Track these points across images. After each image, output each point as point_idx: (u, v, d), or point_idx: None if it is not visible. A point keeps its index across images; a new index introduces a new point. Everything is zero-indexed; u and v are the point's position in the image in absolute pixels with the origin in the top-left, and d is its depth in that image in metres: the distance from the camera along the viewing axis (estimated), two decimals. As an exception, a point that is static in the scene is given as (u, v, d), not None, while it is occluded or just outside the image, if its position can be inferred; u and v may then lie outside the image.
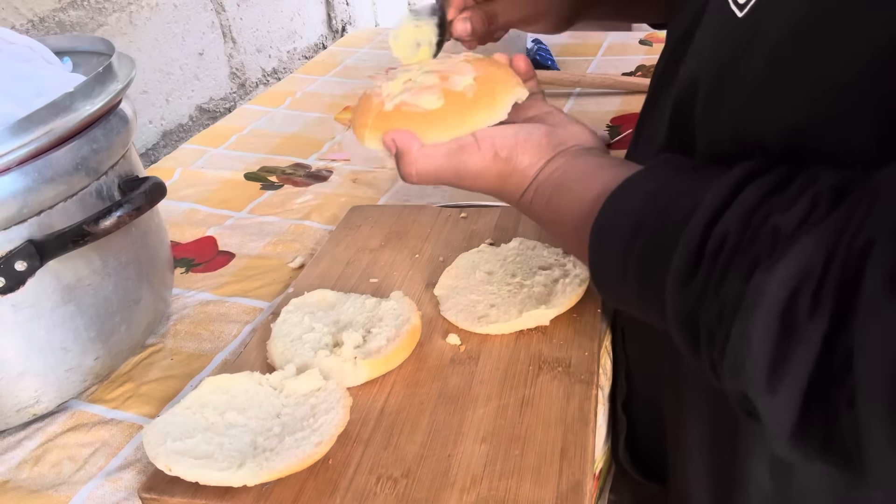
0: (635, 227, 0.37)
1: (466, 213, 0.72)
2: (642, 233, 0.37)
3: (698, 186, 0.35)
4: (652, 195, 0.38)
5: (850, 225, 0.27)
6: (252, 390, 0.50)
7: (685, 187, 0.36)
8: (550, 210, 0.47)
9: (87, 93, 0.51)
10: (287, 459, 0.44)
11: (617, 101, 0.99)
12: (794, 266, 0.27)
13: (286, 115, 1.06)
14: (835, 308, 0.26)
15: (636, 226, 0.37)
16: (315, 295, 0.60)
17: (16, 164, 0.46)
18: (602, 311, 0.58)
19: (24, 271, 0.48)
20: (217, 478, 0.44)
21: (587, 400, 0.50)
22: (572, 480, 0.44)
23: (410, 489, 0.45)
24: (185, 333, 0.63)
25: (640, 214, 0.37)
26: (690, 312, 0.32)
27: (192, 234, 0.78)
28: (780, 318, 0.27)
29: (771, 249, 0.29)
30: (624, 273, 0.38)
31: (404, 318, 0.56)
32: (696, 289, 0.32)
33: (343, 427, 0.47)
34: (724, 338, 0.30)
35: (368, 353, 0.53)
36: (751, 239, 0.30)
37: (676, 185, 0.37)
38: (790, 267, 0.27)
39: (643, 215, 0.37)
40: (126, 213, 0.50)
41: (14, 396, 0.52)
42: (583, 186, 0.45)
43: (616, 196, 0.40)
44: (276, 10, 1.40)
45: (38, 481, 0.50)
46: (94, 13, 0.99)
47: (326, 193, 0.84)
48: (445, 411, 0.50)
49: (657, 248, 0.35)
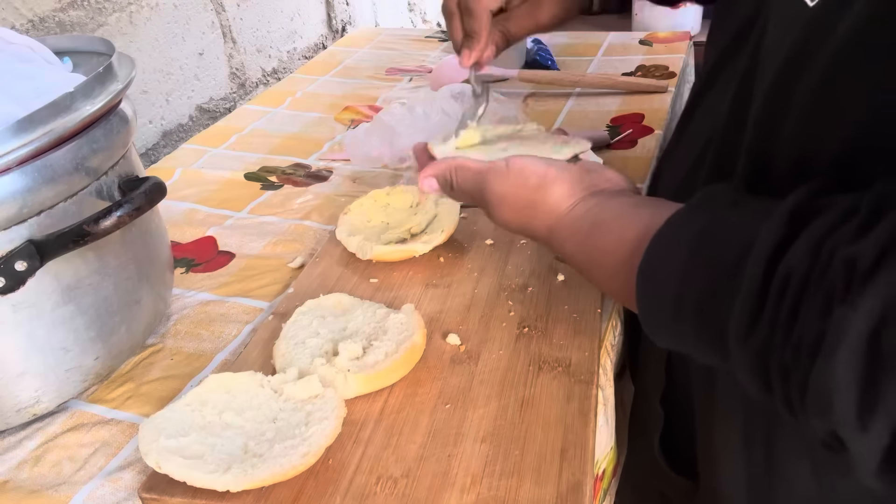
0: (687, 270, 0.36)
1: (466, 213, 0.72)
2: (696, 276, 0.35)
3: (753, 222, 0.33)
4: (701, 234, 0.36)
5: None
6: (252, 391, 0.50)
7: (738, 224, 0.35)
8: (587, 250, 0.46)
9: (87, 93, 0.51)
10: (272, 468, 0.44)
11: (617, 101, 0.99)
12: (878, 299, 0.27)
13: (286, 115, 1.06)
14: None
15: (688, 269, 0.36)
16: (331, 298, 0.60)
17: (16, 164, 0.46)
18: (602, 312, 0.58)
19: (24, 271, 0.48)
20: (202, 480, 0.44)
21: (587, 400, 0.50)
22: (572, 480, 0.44)
23: (410, 489, 0.45)
24: (186, 333, 0.63)
25: (690, 256, 0.36)
26: (760, 356, 0.31)
27: (192, 234, 0.78)
28: (866, 352, 0.27)
29: (847, 283, 0.28)
30: (678, 318, 0.37)
31: (407, 335, 0.54)
32: (764, 332, 0.31)
33: (333, 439, 0.47)
34: (804, 376, 0.29)
35: (363, 367, 0.52)
36: (821, 274, 0.29)
37: (727, 221, 0.36)
38: (874, 300, 0.27)
39: (695, 257, 0.36)
40: (126, 213, 0.49)
41: (14, 396, 0.52)
42: (622, 226, 0.43)
43: (663, 236, 0.38)
44: (276, 10, 1.40)
45: (38, 481, 0.50)
46: (94, 13, 0.99)
47: (326, 193, 0.84)
48: (445, 411, 0.50)
49: (715, 291, 0.34)
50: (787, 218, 0.31)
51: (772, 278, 0.30)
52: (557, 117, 0.96)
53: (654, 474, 0.58)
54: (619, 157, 0.84)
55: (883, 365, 0.26)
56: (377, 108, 1.06)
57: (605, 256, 0.44)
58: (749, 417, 0.44)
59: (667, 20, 1.67)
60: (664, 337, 0.40)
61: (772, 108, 0.38)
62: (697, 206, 0.39)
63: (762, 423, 0.43)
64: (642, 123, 0.92)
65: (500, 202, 0.50)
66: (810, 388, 0.29)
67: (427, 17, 2.19)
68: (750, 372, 0.32)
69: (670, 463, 0.56)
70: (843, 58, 0.33)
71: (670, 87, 1.00)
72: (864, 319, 0.27)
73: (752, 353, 0.32)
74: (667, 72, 1.06)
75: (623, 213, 0.44)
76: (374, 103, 1.07)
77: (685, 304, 0.36)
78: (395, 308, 0.58)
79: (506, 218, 0.50)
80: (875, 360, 0.26)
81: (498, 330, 0.57)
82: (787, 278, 0.30)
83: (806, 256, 0.29)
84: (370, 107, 1.06)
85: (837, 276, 0.28)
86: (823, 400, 0.28)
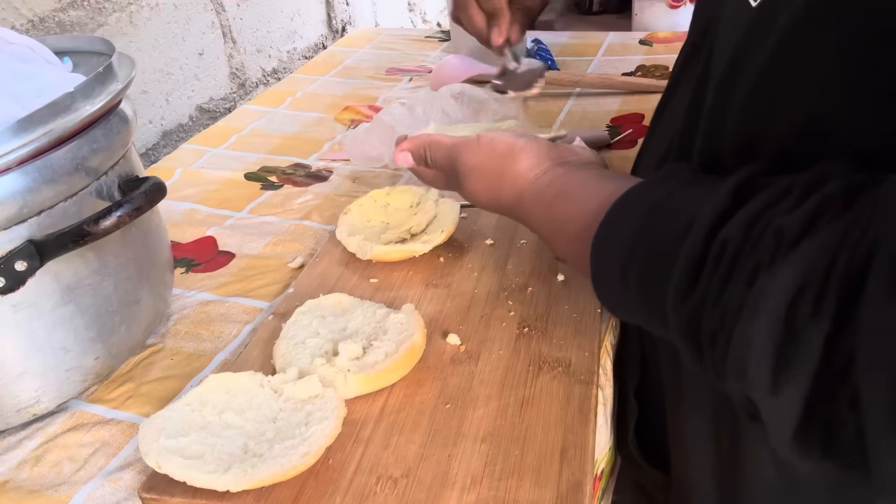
0: (636, 239, 0.37)
1: (466, 213, 0.72)
2: (643, 244, 0.37)
3: (700, 197, 0.35)
4: (653, 206, 0.38)
5: (854, 229, 0.27)
6: (253, 391, 0.50)
7: (687, 198, 0.37)
8: (550, 218, 0.47)
9: (87, 93, 0.51)
10: (272, 468, 0.44)
11: (617, 101, 0.99)
12: (797, 269, 0.27)
13: (286, 115, 1.06)
14: (837, 311, 0.26)
15: (637, 237, 0.37)
16: (331, 298, 0.60)
17: (16, 164, 0.46)
18: (602, 312, 0.58)
19: (24, 271, 0.48)
20: (203, 480, 0.44)
21: (587, 400, 0.50)
22: (572, 480, 0.44)
23: (410, 489, 0.45)
24: (186, 333, 0.63)
25: (641, 226, 0.38)
26: (692, 320, 0.32)
27: (192, 234, 0.78)
28: (782, 321, 0.27)
29: (773, 254, 0.29)
30: (626, 284, 0.38)
31: (407, 335, 0.54)
32: (697, 297, 0.32)
33: (333, 439, 0.47)
34: (726, 341, 0.30)
35: (363, 367, 0.52)
36: (753, 245, 0.30)
37: (678, 196, 0.37)
38: (794, 270, 0.27)
39: (645, 227, 0.37)
40: (126, 213, 0.50)
41: (14, 396, 0.52)
42: (585, 196, 0.45)
43: (617, 207, 0.40)
44: (276, 10, 1.40)
45: (38, 481, 0.50)
46: (94, 13, 0.99)
47: (326, 193, 0.84)
48: (445, 411, 0.50)
49: (659, 259, 0.36)
50: (732, 192, 0.32)
51: (710, 246, 0.32)
52: (557, 117, 0.96)
53: (632, 467, 0.59)
54: (619, 157, 0.84)
55: (797, 333, 0.27)
56: (377, 108, 1.06)
57: (566, 226, 0.45)
58: (716, 411, 0.44)
59: (667, 20, 1.67)
60: (614, 305, 0.42)
61: (718, 107, 0.39)
62: (657, 181, 0.40)
63: (729, 417, 0.43)
64: (642, 123, 0.92)
65: (469, 173, 0.51)
66: (730, 353, 0.30)
67: (427, 17, 2.20)
68: (683, 337, 0.34)
69: (645, 456, 0.57)
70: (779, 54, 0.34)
71: (670, 87, 1.00)
72: (780, 288, 0.28)
73: (685, 318, 0.33)
74: (667, 72, 1.06)
75: (587, 184, 0.46)
76: (374, 103, 1.07)
77: (632, 272, 0.37)
78: (395, 308, 0.58)
79: (476, 189, 0.52)
80: (790, 327, 0.27)
81: (498, 330, 0.57)
82: (723, 247, 0.31)
83: (742, 227, 0.31)
84: (370, 107, 1.06)
85: (767, 246, 0.29)
86: (741, 364, 0.29)
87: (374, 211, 0.72)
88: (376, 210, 0.73)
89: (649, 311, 0.37)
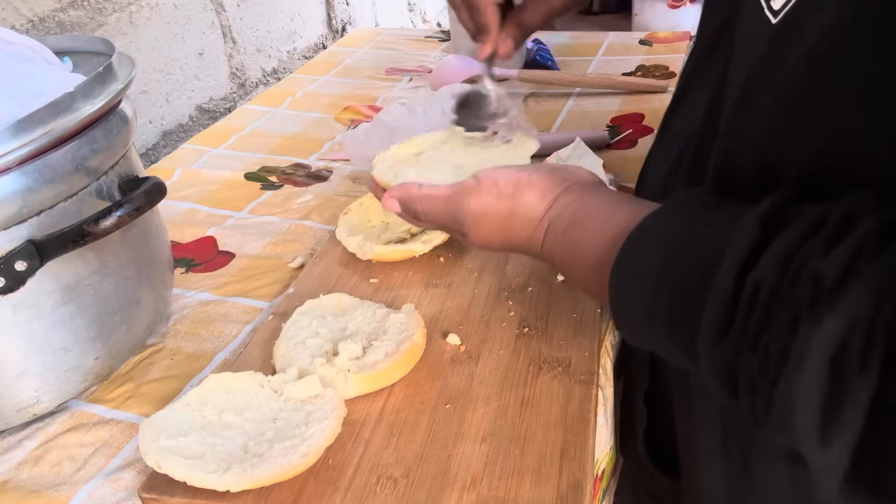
0: (660, 271, 0.36)
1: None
2: (668, 276, 0.36)
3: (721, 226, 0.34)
4: (674, 237, 0.37)
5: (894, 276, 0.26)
6: (252, 391, 0.50)
7: (709, 228, 0.35)
8: (565, 248, 0.46)
9: (87, 93, 0.51)
10: (272, 468, 0.44)
11: (617, 101, 0.99)
12: (842, 319, 0.27)
13: (286, 115, 1.06)
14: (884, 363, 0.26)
15: (661, 269, 0.36)
16: (331, 298, 0.60)
17: (16, 164, 0.46)
18: (602, 312, 0.58)
19: (24, 271, 0.48)
20: (203, 480, 0.44)
21: (587, 400, 0.50)
22: (572, 480, 0.44)
23: (410, 489, 0.45)
24: (186, 333, 0.63)
25: (664, 257, 0.36)
26: (728, 364, 0.32)
27: (192, 234, 0.78)
28: (829, 373, 0.27)
29: (813, 299, 0.28)
30: (649, 317, 0.37)
31: (407, 335, 0.54)
32: (732, 340, 0.31)
33: (333, 439, 0.47)
34: (769, 390, 0.29)
35: (363, 367, 0.52)
36: (789, 287, 0.29)
37: (699, 224, 0.36)
38: (839, 319, 0.27)
39: (667, 258, 0.36)
40: (126, 213, 0.50)
41: (14, 396, 0.52)
42: (600, 223, 0.43)
43: (636, 236, 0.39)
44: (276, 10, 1.40)
45: (38, 481, 0.50)
46: (94, 13, 0.99)
47: (326, 193, 0.84)
48: (445, 411, 0.50)
49: (686, 293, 0.34)
50: (759, 225, 0.31)
51: (742, 287, 0.31)
52: (557, 117, 0.97)
53: (642, 472, 0.58)
54: (619, 157, 0.84)
55: (845, 385, 0.26)
56: (377, 108, 1.06)
57: (583, 253, 0.44)
58: (726, 419, 0.44)
59: (667, 20, 1.67)
60: (636, 336, 0.41)
61: (736, 122, 0.38)
62: (673, 208, 0.39)
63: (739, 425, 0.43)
64: (642, 123, 0.92)
65: (477, 220, 0.49)
66: (774, 403, 0.29)
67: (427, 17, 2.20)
68: (718, 378, 0.33)
69: (655, 461, 0.56)
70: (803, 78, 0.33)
71: (670, 87, 1.00)
72: (826, 340, 0.27)
73: (720, 361, 0.32)
74: (667, 72, 1.07)
75: (599, 211, 0.45)
76: (374, 103, 1.07)
77: (656, 306, 0.36)
78: (395, 308, 0.58)
79: (487, 234, 0.49)
80: (837, 380, 0.27)
81: (498, 330, 0.57)
82: (756, 288, 0.30)
83: (775, 267, 0.30)
84: (370, 107, 1.06)
85: (805, 291, 0.28)
86: (785, 418, 0.29)
87: (373, 211, 0.72)
88: (376, 210, 0.72)
89: (678, 346, 0.36)
